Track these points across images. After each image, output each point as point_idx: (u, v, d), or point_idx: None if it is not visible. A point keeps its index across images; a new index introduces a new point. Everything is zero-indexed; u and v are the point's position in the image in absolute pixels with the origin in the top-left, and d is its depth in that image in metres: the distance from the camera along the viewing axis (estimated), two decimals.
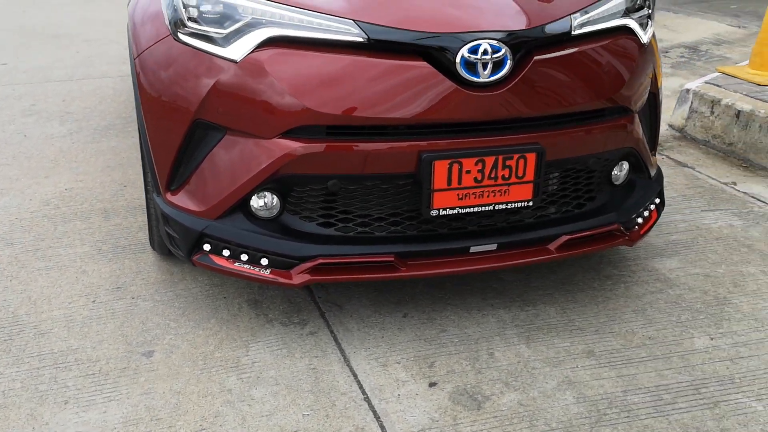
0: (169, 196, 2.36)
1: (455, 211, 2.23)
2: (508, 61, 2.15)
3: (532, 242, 2.37)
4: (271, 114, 2.12)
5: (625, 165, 2.58)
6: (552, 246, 2.38)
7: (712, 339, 2.41)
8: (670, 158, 4.11)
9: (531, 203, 2.29)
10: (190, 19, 2.22)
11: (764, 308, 2.59)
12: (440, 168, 2.16)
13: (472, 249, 2.30)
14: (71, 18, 8.16)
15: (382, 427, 1.99)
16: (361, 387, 2.15)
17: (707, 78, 4.69)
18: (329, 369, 2.23)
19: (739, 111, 4.12)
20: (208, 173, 2.26)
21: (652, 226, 2.66)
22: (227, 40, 2.16)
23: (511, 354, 2.31)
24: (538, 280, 2.75)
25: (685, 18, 6.98)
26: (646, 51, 2.50)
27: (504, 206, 2.26)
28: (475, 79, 2.13)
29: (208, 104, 2.18)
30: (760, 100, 4.14)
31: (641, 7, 2.55)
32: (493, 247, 2.32)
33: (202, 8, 2.20)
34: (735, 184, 3.73)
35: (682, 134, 4.51)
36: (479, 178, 2.20)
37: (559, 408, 2.07)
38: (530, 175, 2.24)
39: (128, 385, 2.15)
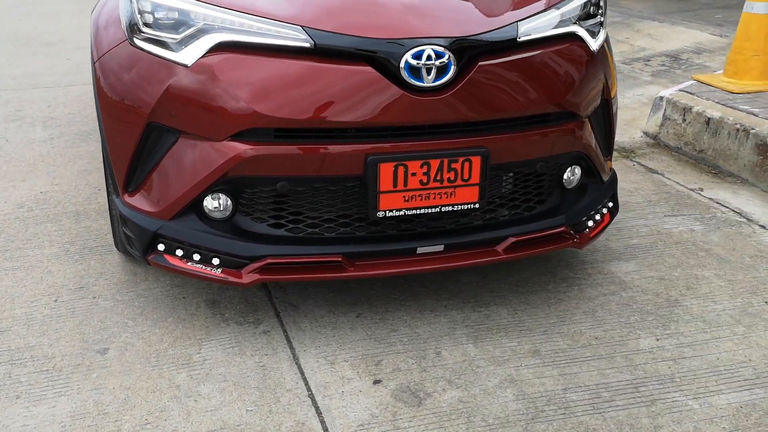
0: (126, 198, 2.42)
1: (402, 213, 2.28)
2: (452, 67, 2.21)
3: (480, 244, 2.42)
4: (220, 117, 2.18)
5: (577, 169, 2.63)
6: (499, 248, 2.43)
7: (657, 340, 2.46)
8: (641, 165, 4.16)
9: (477, 205, 2.34)
10: (145, 24, 2.28)
11: (713, 310, 2.63)
12: (386, 170, 2.21)
13: (419, 250, 2.35)
14: (65, 26, 8.26)
15: (322, 422, 2.04)
16: (306, 384, 2.20)
17: (682, 86, 4.74)
18: (278, 366, 2.28)
19: (709, 118, 4.18)
20: (162, 175, 2.32)
21: (603, 230, 2.71)
22: (180, 45, 2.22)
23: (458, 353, 2.36)
24: (493, 282, 2.80)
25: (669, 27, 7.04)
26: (596, 58, 2.56)
27: (450, 208, 2.32)
28: (419, 83, 2.19)
29: (161, 107, 2.24)
30: (730, 107, 4.19)
31: (593, 15, 2.61)
32: (440, 248, 2.37)
33: (157, 14, 2.26)
34: (702, 190, 3.78)
35: (656, 141, 4.56)
36: (425, 181, 2.26)
37: (497, 405, 2.12)
38: (476, 177, 2.29)
39: (80, 381, 2.20)
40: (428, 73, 2.19)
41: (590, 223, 2.64)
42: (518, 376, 2.25)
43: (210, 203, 2.31)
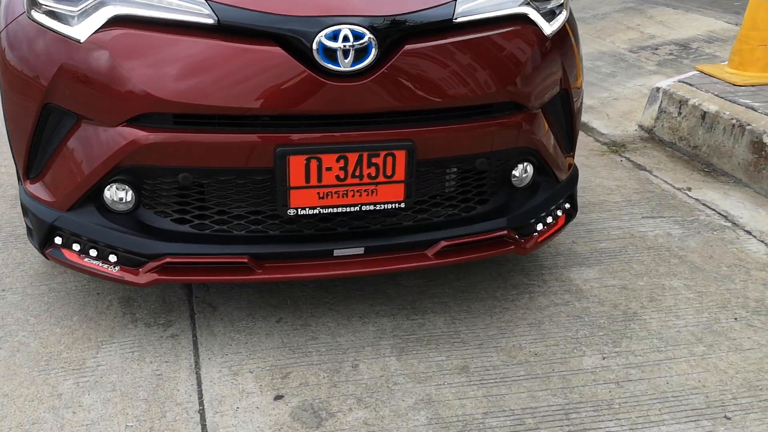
0: (27, 185, 2.23)
1: (316, 211, 2.06)
2: (373, 50, 1.97)
3: (407, 247, 2.19)
4: (114, 100, 1.98)
5: (529, 167, 2.38)
6: (429, 252, 2.20)
7: (604, 358, 2.21)
8: (630, 160, 3.88)
9: (403, 204, 2.11)
10: None
11: (674, 326, 2.38)
12: (296, 164, 1.99)
13: (336, 252, 2.13)
14: None
15: None
16: (201, 397, 2.00)
17: (682, 76, 4.44)
18: (175, 376, 2.08)
19: (705, 112, 3.88)
20: (60, 162, 2.13)
21: (555, 234, 2.46)
22: (76, 19, 2.02)
23: (377, 367, 2.14)
24: (436, 286, 2.56)
25: (683, 14, 6.68)
26: (552, 44, 2.30)
27: (372, 207, 2.09)
28: (334, 67, 1.96)
29: (56, 88, 2.04)
30: (729, 101, 3.89)
31: None
32: (360, 251, 2.15)
33: None
34: (689, 190, 3.50)
35: (650, 135, 4.27)
36: (342, 176, 2.03)
37: (405, 429, 1.90)
38: (400, 174, 2.06)
39: None
40: (345, 56, 1.96)
41: (539, 227, 2.40)
42: (438, 396, 2.03)
43: (110, 194, 2.11)
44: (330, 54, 1.95)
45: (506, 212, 2.32)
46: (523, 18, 2.23)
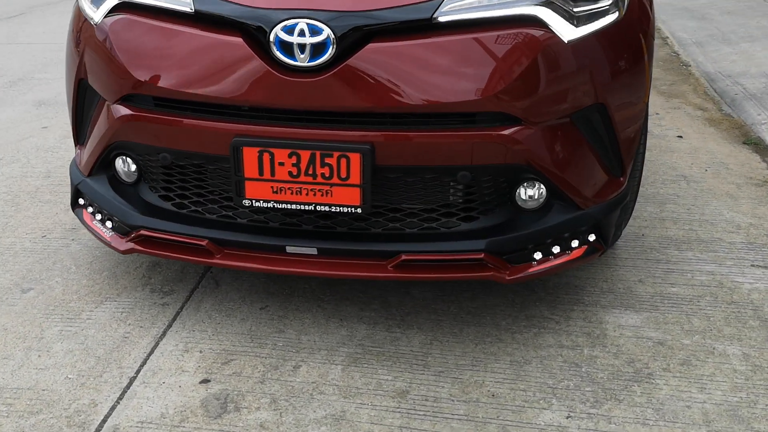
0: (77, 149, 2.51)
1: (270, 205, 2.05)
2: (331, 46, 1.89)
3: (365, 254, 2.08)
4: (111, 79, 2.15)
5: (540, 187, 2.11)
6: (389, 264, 2.07)
7: (568, 417, 1.91)
8: None
9: (360, 210, 2.01)
10: None
11: (688, 400, 1.97)
12: (250, 155, 2.00)
13: (288, 249, 2.09)
14: None
15: (112, 409, 1.94)
16: (141, 366, 2.10)
17: None
18: (137, 342, 2.21)
19: None
20: (90, 131, 2.36)
21: (562, 267, 2.15)
22: (99, 2, 2.21)
23: (317, 373, 2.07)
24: (445, 303, 2.40)
25: None
26: (574, 51, 2.00)
27: (328, 209, 2.02)
28: (291, 62, 1.92)
29: (83, 65, 2.27)
30: None
31: None
32: (313, 251, 2.08)
33: None
34: None
35: None
36: (295, 173, 1.99)
37: None
38: (355, 178, 1.97)
39: None
40: (302, 51, 1.90)
41: (538, 255, 2.12)
42: (352, 415, 1.91)
43: (120, 166, 2.30)
44: (287, 48, 1.91)
45: (496, 233, 2.09)
46: (532, 20, 1.97)
